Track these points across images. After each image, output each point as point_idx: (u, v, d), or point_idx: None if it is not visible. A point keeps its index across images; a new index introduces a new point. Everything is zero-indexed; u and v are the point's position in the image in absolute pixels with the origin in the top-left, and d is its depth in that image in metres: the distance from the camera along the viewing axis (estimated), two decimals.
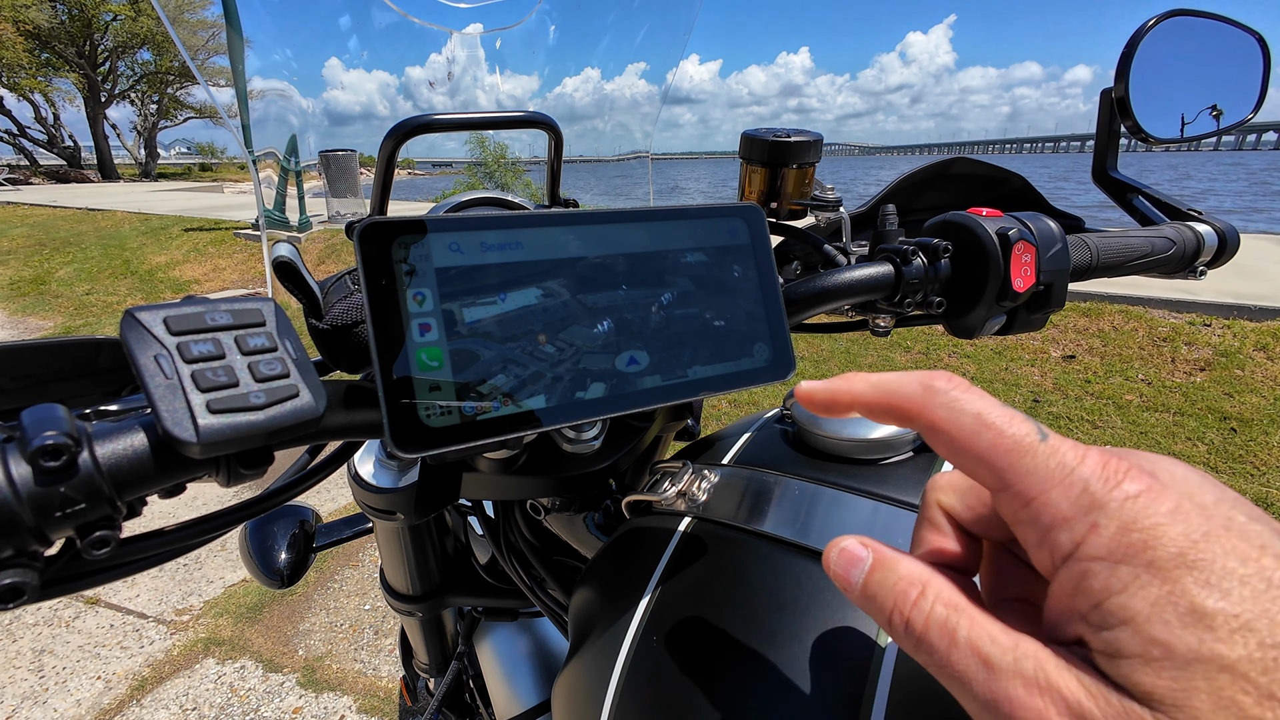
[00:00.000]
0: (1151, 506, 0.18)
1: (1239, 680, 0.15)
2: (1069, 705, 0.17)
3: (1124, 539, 0.17)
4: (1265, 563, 0.17)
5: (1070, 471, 0.19)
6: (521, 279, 0.30)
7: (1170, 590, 0.16)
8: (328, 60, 0.69)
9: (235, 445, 0.23)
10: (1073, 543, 0.18)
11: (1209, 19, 0.64)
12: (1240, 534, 0.17)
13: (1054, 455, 0.19)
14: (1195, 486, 0.19)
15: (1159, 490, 0.18)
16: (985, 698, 0.18)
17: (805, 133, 0.56)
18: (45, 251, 8.69)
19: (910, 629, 0.21)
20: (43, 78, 28.04)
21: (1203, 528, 0.17)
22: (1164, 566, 0.17)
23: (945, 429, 0.22)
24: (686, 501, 0.41)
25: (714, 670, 0.32)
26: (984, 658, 0.19)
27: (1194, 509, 0.18)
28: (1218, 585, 0.16)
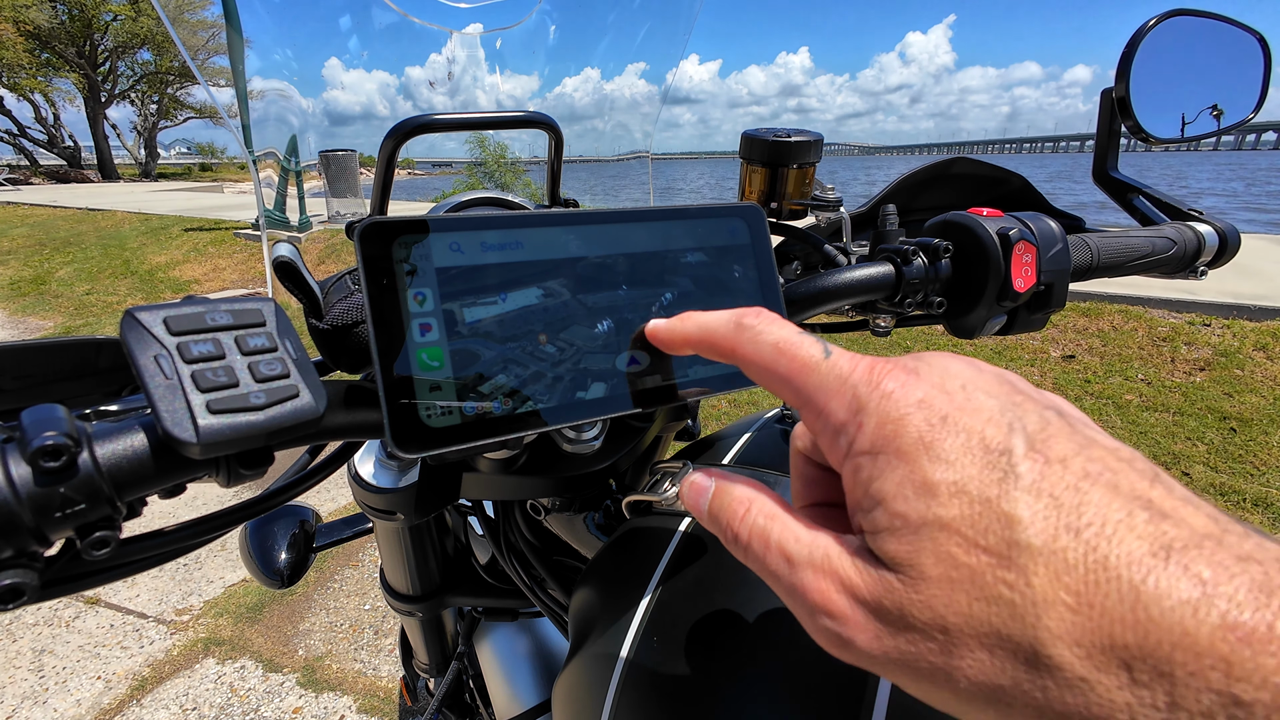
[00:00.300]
0: (903, 399, 0.20)
1: (953, 535, 0.18)
2: (843, 582, 0.20)
3: (880, 432, 0.20)
4: (988, 433, 0.19)
5: (844, 380, 0.22)
6: (522, 279, 0.30)
7: (910, 470, 0.19)
8: (328, 60, 0.69)
9: (235, 445, 0.23)
10: (848, 443, 0.21)
11: (1209, 19, 0.64)
12: (974, 410, 0.20)
13: (834, 369, 0.22)
14: (949, 375, 0.21)
15: (912, 384, 0.21)
16: (788, 586, 0.21)
17: (805, 133, 0.55)
18: (45, 251, 8.69)
19: (738, 539, 0.24)
20: (43, 78, 28.04)
21: (942, 412, 0.20)
22: (907, 451, 0.19)
23: (752, 359, 0.25)
24: None
25: (714, 670, 0.32)
26: (788, 555, 0.21)
27: (940, 396, 0.20)
28: (944, 459, 0.19)
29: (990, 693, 0.17)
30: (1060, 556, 0.16)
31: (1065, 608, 0.16)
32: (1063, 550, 0.16)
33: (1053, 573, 0.16)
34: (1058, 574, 0.16)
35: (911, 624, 0.18)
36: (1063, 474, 0.18)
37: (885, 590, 0.19)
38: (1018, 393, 0.21)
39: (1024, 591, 0.17)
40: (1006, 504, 0.17)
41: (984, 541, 0.17)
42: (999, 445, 0.19)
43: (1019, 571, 0.17)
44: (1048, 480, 0.18)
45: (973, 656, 0.17)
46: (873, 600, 0.19)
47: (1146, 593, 0.15)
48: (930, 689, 0.18)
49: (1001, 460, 0.18)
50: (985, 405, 0.20)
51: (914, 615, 0.18)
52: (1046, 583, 0.16)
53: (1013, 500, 0.17)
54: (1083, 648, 0.16)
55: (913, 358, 0.22)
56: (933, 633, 0.18)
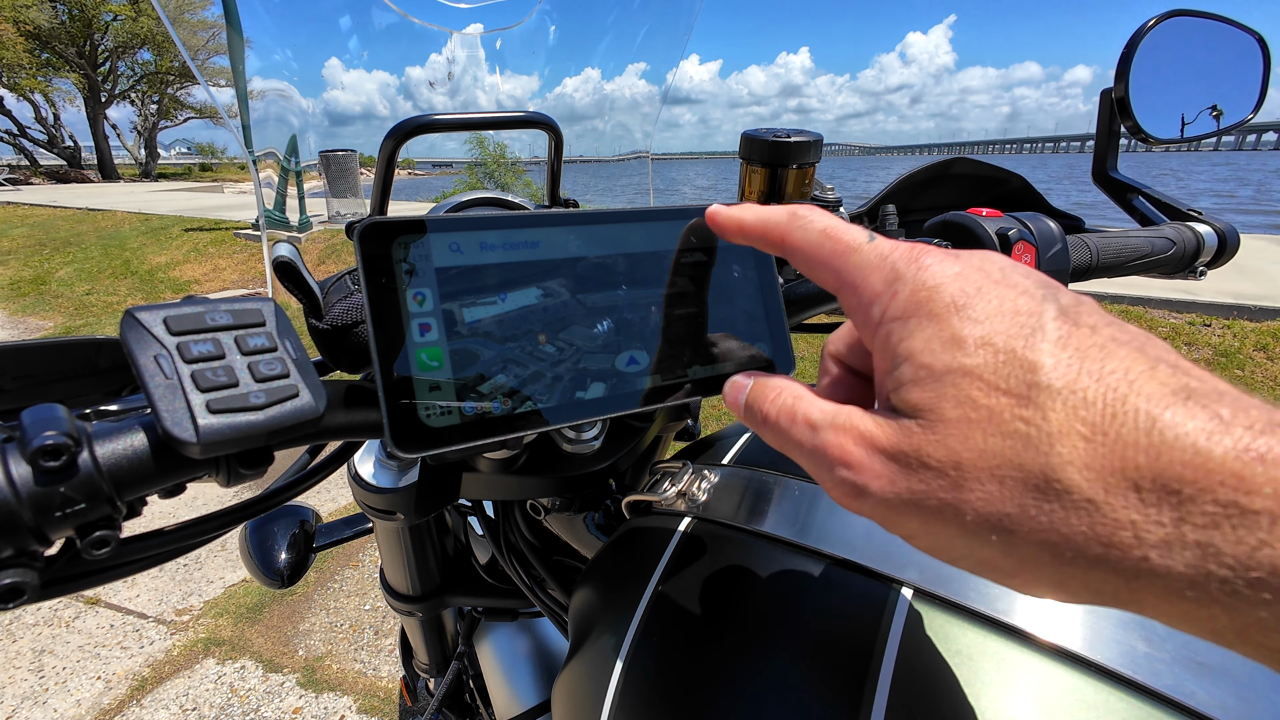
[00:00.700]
0: (939, 271, 0.21)
1: (975, 380, 0.19)
2: (862, 435, 0.21)
3: (914, 298, 0.21)
4: (1019, 301, 0.20)
5: (885, 258, 0.22)
6: (521, 279, 0.30)
7: (939, 327, 0.20)
8: (328, 60, 0.69)
9: (235, 445, 0.23)
10: (881, 311, 0.22)
11: (1209, 19, 0.64)
12: (1009, 285, 0.20)
13: (875, 250, 0.23)
14: (989, 260, 0.22)
15: (951, 261, 0.21)
16: (810, 449, 0.22)
17: (805, 133, 0.56)
18: (45, 251, 8.69)
19: (766, 419, 0.25)
20: (43, 78, 28.02)
21: (978, 284, 0.20)
22: (939, 312, 0.20)
23: (800, 246, 0.25)
24: (686, 502, 0.41)
25: (714, 670, 0.32)
26: (811, 422, 0.23)
27: (977, 273, 0.21)
28: (974, 318, 0.19)
29: (996, 521, 0.18)
30: (1079, 395, 0.17)
31: (1079, 437, 0.17)
32: (1082, 390, 0.17)
33: (1070, 408, 0.17)
34: (1074, 409, 0.17)
35: (926, 463, 0.19)
36: (1091, 336, 0.18)
37: (903, 435, 0.20)
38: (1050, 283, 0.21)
39: (1039, 425, 0.17)
40: (1031, 353, 0.18)
41: (1005, 385, 0.18)
42: (1029, 309, 0.19)
43: (1036, 408, 0.17)
44: (1075, 338, 0.18)
45: (982, 489, 0.18)
46: (890, 447, 0.20)
47: (1163, 422, 0.16)
48: (938, 526, 0.19)
49: (1031, 320, 0.19)
50: (1021, 282, 0.20)
51: (929, 455, 0.19)
52: (1063, 416, 0.17)
53: (1037, 350, 0.18)
54: (1093, 470, 0.16)
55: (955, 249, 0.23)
56: (946, 470, 0.19)
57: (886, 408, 0.21)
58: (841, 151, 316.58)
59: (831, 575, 0.32)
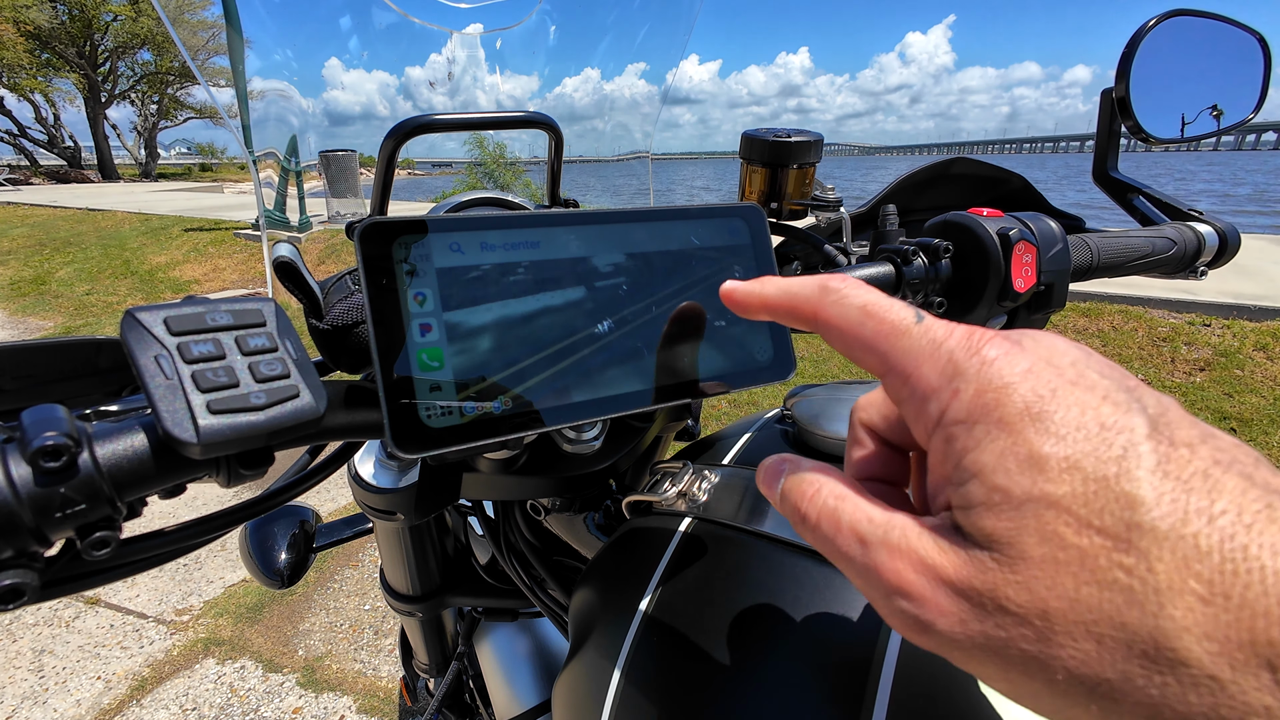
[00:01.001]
0: (1006, 368, 0.18)
1: (1062, 514, 0.16)
2: (923, 562, 0.18)
3: (980, 400, 0.18)
4: (1103, 410, 0.17)
5: (939, 345, 0.20)
6: (522, 279, 0.30)
7: (1014, 441, 0.17)
8: (328, 60, 0.69)
9: (235, 445, 0.23)
10: (939, 410, 0.19)
11: (1209, 19, 0.64)
12: (1087, 387, 0.18)
13: (926, 334, 0.21)
14: (1056, 351, 0.19)
15: (1017, 354, 0.19)
16: (861, 568, 0.20)
17: (805, 133, 0.56)
18: (45, 252, 8.69)
19: (806, 520, 0.22)
20: (43, 78, 28.02)
21: (1051, 384, 0.18)
22: (1011, 421, 0.18)
23: (836, 324, 0.23)
24: (687, 502, 0.41)
25: (714, 671, 0.32)
26: (860, 535, 0.20)
27: (1047, 369, 0.18)
28: (1055, 433, 0.17)
29: (1094, 686, 0.15)
30: (1190, 542, 0.15)
31: (1195, 597, 0.14)
32: (1193, 535, 0.15)
33: (1180, 559, 0.15)
34: (1186, 560, 0.15)
35: (1004, 607, 0.17)
36: (1190, 458, 0.16)
37: (975, 570, 0.17)
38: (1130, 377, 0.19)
39: (1144, 577, 0.15)
40: (1127, 483, 0.16)
41: (1099, 522, 0.16)
42: (1117, 423, 0.17)
43: (1139, 555, 0.15)
44: (1174, 463, 0.16)
45: (1075, 646, 0.16)
46: (959, 580, 0.17)
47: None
48: (1021, 679, 0.17)
49: (1120, 438, 0.16)
50: (1099, 383, 0.18)
51: (1009, 597, 0.16)
52: (1173, 569, 0.15)
53: (1135, 480, 0.16)
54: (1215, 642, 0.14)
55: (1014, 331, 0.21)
56: (1030, 618, 0.16)
57: (950, 527, 0.18)
58: (841, 151, 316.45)
59: (832, 576, 0.32)
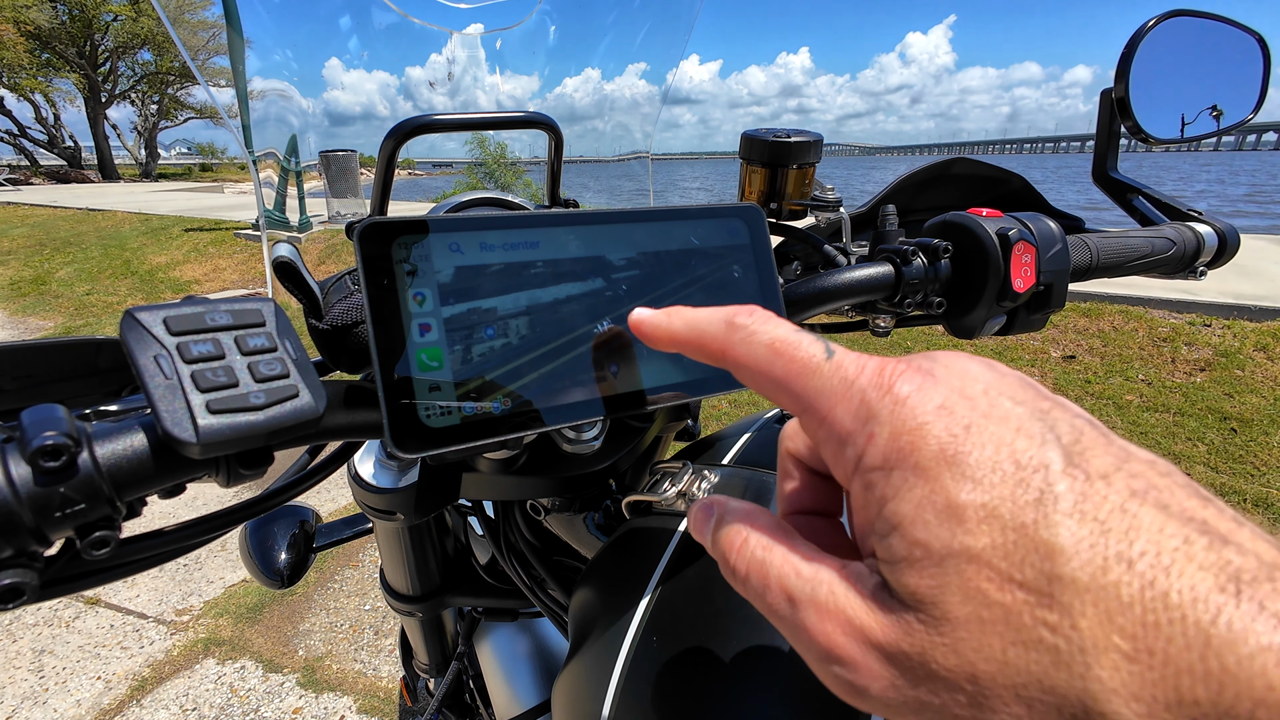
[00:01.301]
0: (920, 406, 0.18)
1: (983, 569, 0.15)
2: (852, 624, 0.17)
3: (895, 444, 0.17)
4: (1018, 445, 0.17)
5: (851, 384, 0.19)
6: (522, 279, 0.30)
7: (931, 489, 0.16)
8: (328, 60, 0.69)
9: (235, 445, 0.23)
10: (856, 455, 0.18)
11: (1209, 19, 0.64)
12: (1000, 419, 0.17)
13: (837, 371, 0.19)
14: (969, 379, 0.19)
15: (930, 387, 0.18)
16: (792, 628, 0.19)
17: (805, 133, 0.56)
18: (46, 252, 8.69)
19: (735, 573, 0.21)
20: (43, 78, 28.03)
21: (965, 420, 0.17)
22: (927, 466, 0.17)
23: (745, 362, 0.22)
24: (687, 502, 0.41)
25: (714, 670, 0.32)
26: (788, 593, 0.19)
27: (961, 401, 0.18)
28: (971, 476, 0.16)
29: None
30: (1111, 593, 0.14)
31: (1120, 655, 0.14)
32: (1114, 585, 0.14)
33: (1103, 613, 0.14)
34: (1109, 614, 0.14)
35: (935, 672, 0.16)
36: (1106, 492, 0.15)
37: (903, 632, 0.16)
38: (1044, 398, 0.18)
39: (1069, 635, 0.14)
40: (1045, 531, 0.15)
41: (1020, 576, 0.15)
42: (1032, 460, 0.16)
43: (1063, 611, 0.14)
44: (1090, 501, 0.15)
45: (1008, 711, 0.15)
46: (888, 644, 0.17)
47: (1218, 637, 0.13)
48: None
49: (1036, 478, 0.16)
50: (1013, 412, 0.17)
51: (938, 662, 0.16)
52: (1096, 625, 0.14)
53: (1052, 526, 0.15)
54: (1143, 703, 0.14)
55: (925, 357, 0.20)
56: (960, 682, 0.16)
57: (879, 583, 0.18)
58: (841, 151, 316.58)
59: None
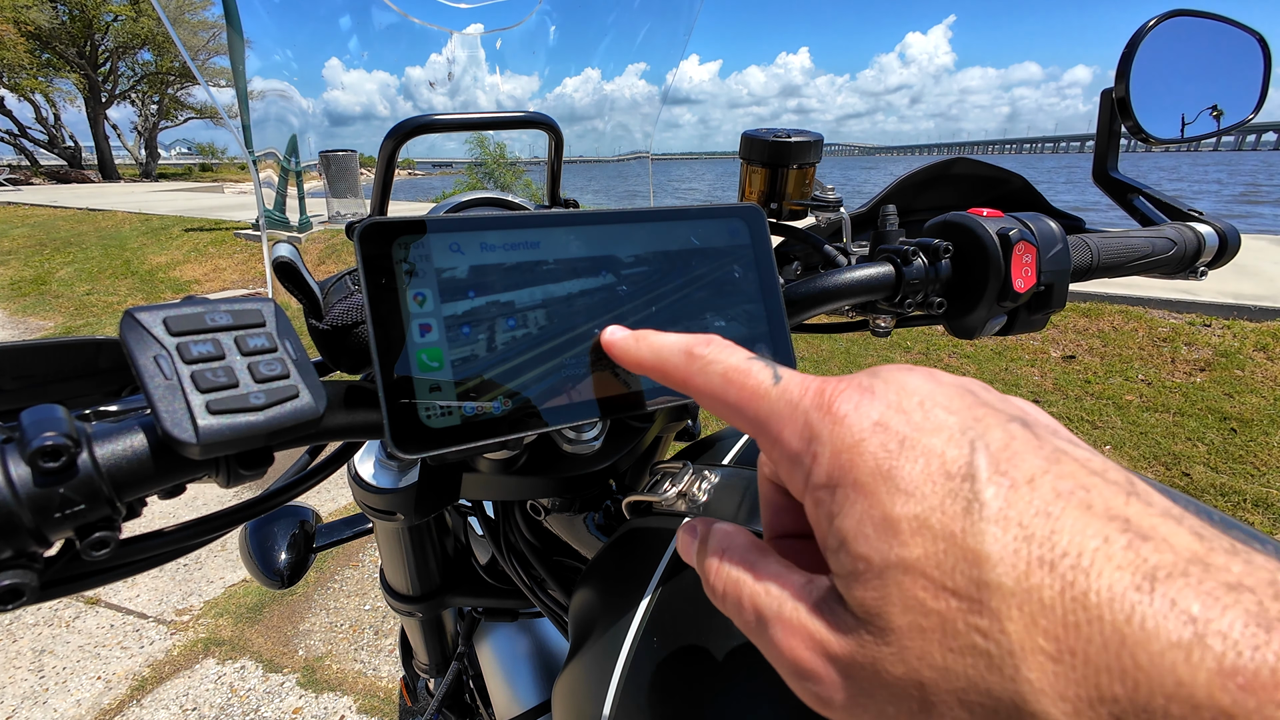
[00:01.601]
0: (857, 424, 0.18)
1: (918, 578, 0.16)
2: (813, 638, 0.18)
3: (836, 462, 0.18)
4: (948, 455, 0.17)
5: (795, 407, 0.20)
6: (522, 279, 0.30)
7: (870, 504, 0.17)
8: (328, 61, 0.69)
9: (235, 446, 0.23)
10: (804, 475, 0.19)
11: (1209, 19, 0.64)
12: (933, 430, 0.18)
13: (784, 395, 0.20)
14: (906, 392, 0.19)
15: (867, 404, 0.19)
16: (764, 645, 0.20)
17: (805, 133, 0.56)
18: (46, 252, 8.69)
19: (715, 593, 0.22)
20: (43, 78, 28.05)
21: (900, 434, 0.18)
22: (865, 481, 0.18)
23: (703, 390, 0.23)
24: (687, 502, 0.41)
25: (714, 670, 0.32)
26: (759, 610, 0.20)
27: (896, 416, 0.18)
28: (905, 489, 0.17)
29: None
30: (1035, 596, 0.15)
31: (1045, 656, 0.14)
32: (1037, 589, 0.15)
33: (1028, 616, 0.15)
34: (1034, 617, 0.15)
35: (887, 681, 0.16)
36: (1030, 496, 0.16)
37: (857, 645, 0.17)
38: (980, 404, 0.19)
39: (999, 639, 0.15)
40: (972, 539, 0.16)
41: (951, 583, 0.16)
42: (961, 469, 0.17)
43: (992, 616, 0.15)
44: (1015, 506, 0.16)
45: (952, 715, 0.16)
46: (845, 657, 0.17)
47: (1132, 635, 0.14)
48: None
49: (964, 487, 0.16)
50: (945, 423, 0.18)
51: (888, 671, 0.16)
52: (1022, 628, 0.15)
53: (979, 534, 0.16)
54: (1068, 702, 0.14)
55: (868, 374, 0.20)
56: (909, 690, 0.16)
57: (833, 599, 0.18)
58: (841, 152, 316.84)
59: None
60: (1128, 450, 2.90)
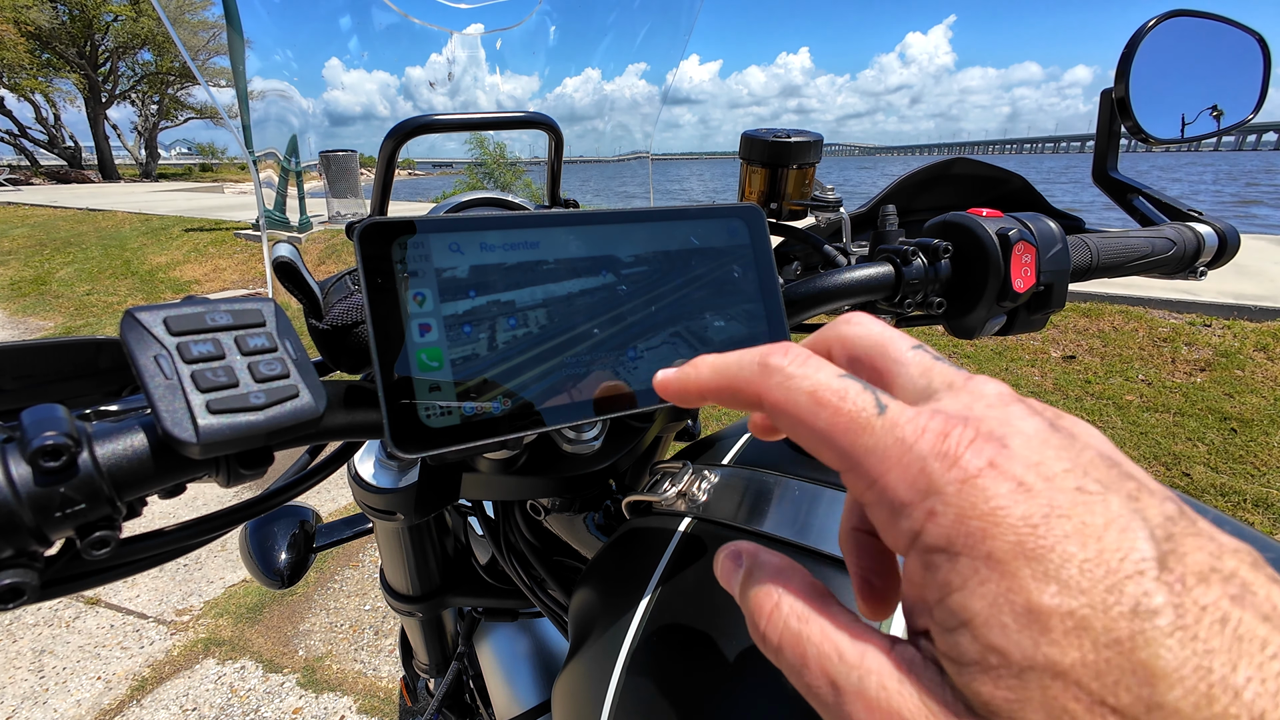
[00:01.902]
0: (992, 487, 0.16)
1: (1071, 687, 0.14)
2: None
3: (962, 527, 0.16)
4: (1107, 541, 0.15)
5: (908, 449, 0.17)
6: (522, 279, 0.30)
7: (1008, 587, 0.15)
8: (328, 61, 0.69)
9: (235, 445, 0.23)
10: (912, 530, 0.17)
11: (1209, 19, 0.64)
12: (1087, 508, 0.15)
13: (892, 431, 0.17)
14: (1047, 453, 0.16)
15: (1003, 464, 0.16)
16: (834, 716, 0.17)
17: (805, 133, 0.56)
18: (46, 252, 8.69)
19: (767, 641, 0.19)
20: (44, 78, 28.05)
21: (1046, 505, 0.15)
22: (1002, 559, 0.15)
23: (785, 410, 0.20)
24: (687, 502, 0.41)
25: (714, 671, 0.32)
26: (831, 678, 0.17)
27: (1040, 483, 0.16)
28: (1056, 576, 0.14)
29: None
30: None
31: None
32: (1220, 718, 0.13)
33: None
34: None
35: None
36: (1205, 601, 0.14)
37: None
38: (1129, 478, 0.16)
39: None
40: (1144, 650, 0.14)
41: (1115, 700, 0.14)
42: (1125, 562, 0.14)
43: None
44: (1190, 613, 0.14)
45: None
46: None
47: None
48: None
49: (1131, 585, 0.14)
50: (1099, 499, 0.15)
51: None
52: None
53: (1151, 645, 0.13)
54: None
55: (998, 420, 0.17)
56: None
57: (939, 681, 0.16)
58: (841, 152, 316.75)
59: (831, 576, 0.32)
60: (1128, 450, 2.90)
